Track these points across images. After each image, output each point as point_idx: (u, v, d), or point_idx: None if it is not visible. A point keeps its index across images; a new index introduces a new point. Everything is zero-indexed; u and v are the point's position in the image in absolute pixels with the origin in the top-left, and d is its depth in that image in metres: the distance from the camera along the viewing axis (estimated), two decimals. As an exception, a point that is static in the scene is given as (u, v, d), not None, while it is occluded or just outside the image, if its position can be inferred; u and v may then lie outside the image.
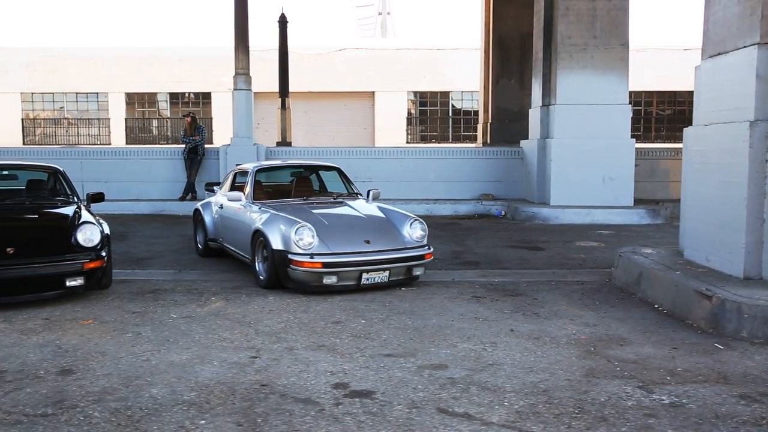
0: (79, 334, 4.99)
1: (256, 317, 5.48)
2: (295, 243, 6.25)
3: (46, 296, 5.87)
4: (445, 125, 29.59)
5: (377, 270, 6.41)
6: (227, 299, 6.15)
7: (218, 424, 3.34)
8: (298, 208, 7.11)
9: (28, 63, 28.26)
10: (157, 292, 6.46)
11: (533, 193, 12.73)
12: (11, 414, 3.46)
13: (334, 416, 3.44)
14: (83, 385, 3.87)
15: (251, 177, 7.62)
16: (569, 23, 11.75)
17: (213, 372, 4.11)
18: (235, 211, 7.55)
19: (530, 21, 17.99)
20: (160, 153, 14.27)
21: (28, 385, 3.88)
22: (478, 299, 6.18)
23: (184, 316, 5.54)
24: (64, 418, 3.41)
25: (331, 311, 5.67)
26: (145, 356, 4.43)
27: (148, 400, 3.65)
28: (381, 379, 4.01)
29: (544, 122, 12.38)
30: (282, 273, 6.38)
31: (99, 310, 5.72)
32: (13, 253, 5.72)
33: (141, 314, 5.60)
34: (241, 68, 13.45)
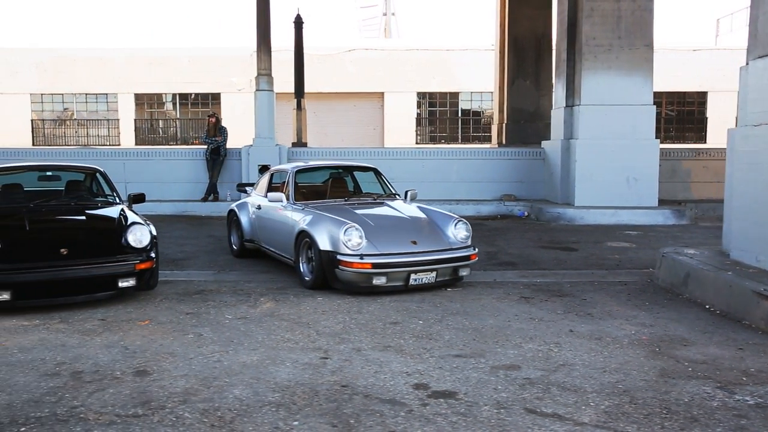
0: (141, 335, 4.99)
1: (312, 318, 5.48)
2: (343, 244, 6.25)
3: (99, 297, 5.87)
4: (455, 126, 29.60)
5: (425, 271, 6.42)
6: (276, 300, 6.15)
7: (312, 425, 3.34)
8: (341, 209, 7.12)
9: (37, 64, 28.26)
10: (204, 293, 6.46)
11: (556, 193, 12.74)
12: (103, 414, 3.46)
13: (424, 417, 3.44)
14: (164, 386, 3.87)
15: (291, 178, 7.62)
16: (594, 24, 11.76)
17: (288, 373, 4.11)
18: (276, 212, 7.55)
19: (546, 22, 18.13)
20: (181, 154, 14.25)
21: (109, 386, 3.88)
22: (527, 300, 6.19)
23: (239, 317, 5.54)
24: (156, 418, 3.41)
25: (384, 312, 5.68)
26: (215, 357, 4.44)
27: (233, 401, 3.66)
28: (458, 379, 4.01)
29: (567, 123, 12.39)
30: (329, 274, 6.38)
31: (152, 311, 5.73)
32: (67, 254, 5.72)
33: (195, 315, 5.60)
34: (263, 69, 13.43)
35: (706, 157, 13.77)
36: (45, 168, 7.87)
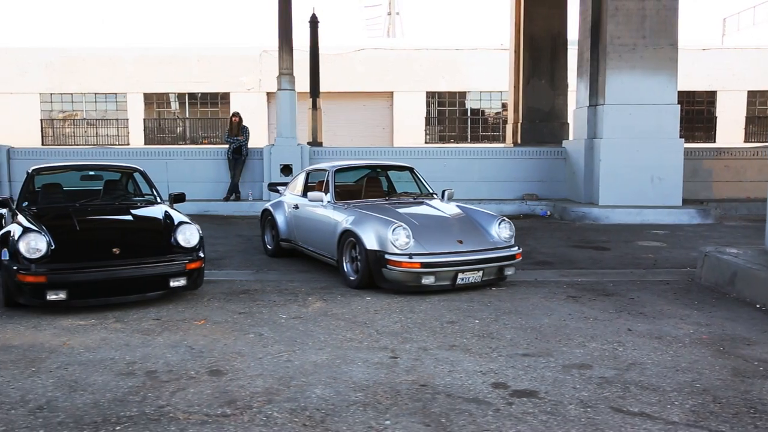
0: (202, 334, 4.99)
1: (367, 317, 5.49)
2: (391, 243, 6.25)
3: (150, 296, 5.87)
4: (464, 125, 29.61)
5: (472, 270, 6.43)
6: (324, 300, 6.15)
7: (405, 424, 3.35)
8: (384, 208, 7.12)
9: (46, 64, 28.25)
10: (250, 293, 6.46)
11: (579, 193, 12.75)
12: (192, 414, 3.46)
13: (514, 416, 3.45)
14: (243, 386, 3.87)
15: (331, 177, 7.62)
16: (618, 23, 11.77)
17: (363, 372, 4.11)
18: (315, 212, 7.54)
19: (561, 21, 18.14)
20: (203, 153, 14.25)
21: (188, 386, 3.88)
22: (575, 299, 6.19)
23: (294, 316, 5.54)
24: (246, 418, 3.42)
25: (437, 311, 5.68)
26: (284, 357, 4.44)
27: (317, 400, 3.66)
28: (534, 378, 4.02)
29: (591, 122, 12.39)
30: (376, 273, 6.38)
31: (204, 311, 5.73)
32: (119, 254, 5.72)
33: (249, 315, 5.60)
34: (285, 68, 13.42)
35: (727, 157, 13.79)
36: (87, 168, 7.87)
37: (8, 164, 13.52)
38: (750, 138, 28.33)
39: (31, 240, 5.48)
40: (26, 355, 4.49)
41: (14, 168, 13.58)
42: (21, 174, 13.04)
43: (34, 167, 7.17)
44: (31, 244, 5.47)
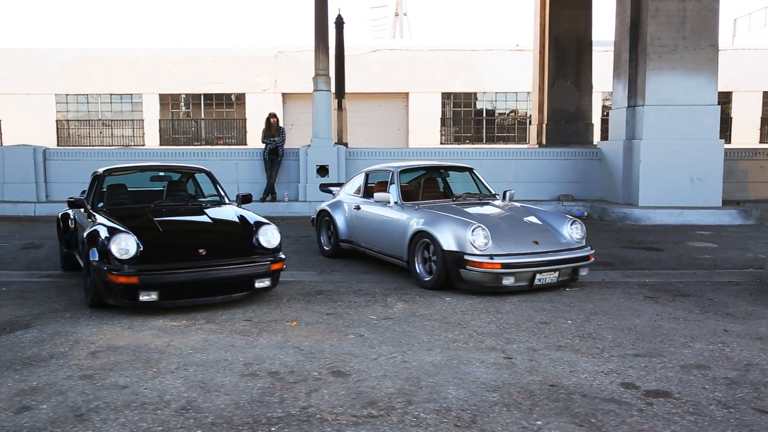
0: (302, 335, 4.99)
1: (458, 318, 5.49)
2: (470, 244, 6.26)
3: (235, 297, 5.88)
4: (479, 126, 29.63)
5: (549, 271, 6.44)
6: (404, 301, 6.16)
7: (557, 424, 3.35)
8: (453, 209, 7.14)
9: (62, 64, 28.24)
10: (326, 293, 6.47)
11: (617, 193, 12.77)
12: (338, 415, 3.46)
13: (660, 416, 3.46)
14: (374, 387, 3.88)
15: (396, 178, 7.62)
16: (659, 24, 11.79)
17: (486, 373, 4.12)
18: (381, 213, 7.54)
19: (587, 22, 18.17)
20: (239, 154, 14.25)
21: (319, 387, 3.88)
22: (653, 300, 6.20)
23: (383, 317, 5.55)
24: (394, 418, 3.42)
25: (524, 312, 5.69)
26: (397, 358, 4.44)
27: (457, 401, 3.66)
28: (659, 379, 4.03)
29: (629, 123, 12.41)
30: (454, 274, 6.39)
31: (290, 311, 5.73)
32: (205, 255, 5.72)
33: (337, 315, 5.61)
34: (321, 69, 13.41)
35: (763, 157, 13.82)
36: (156, 168, 7.88)
37: (44, 165, 13.50)
38: (765, 139, 28.41)
39: (121, 241, 5.48)
40: (138, 355, 4.48)
41: (50, 169, 13.58)
42: (57, 175, 13.10)
43: (105, 168, 7.16)
44: (121, 244, 5.47)
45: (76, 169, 13.59)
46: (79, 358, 4.44)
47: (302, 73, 28.46)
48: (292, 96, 28.94)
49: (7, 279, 7.27)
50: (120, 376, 4.06)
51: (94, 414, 3.47)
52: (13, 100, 27.84)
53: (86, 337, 4.93)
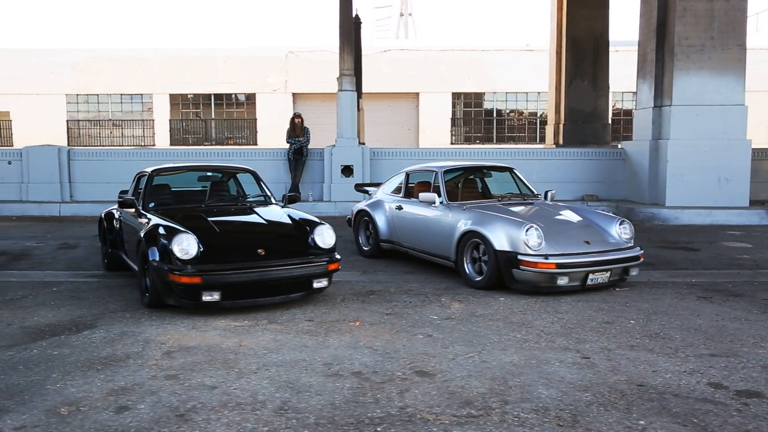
0: (371, 335, 4.99)
1: (520, 318, 5.50)
2: (524, 243, 6.26)
3: (293, 298, 5.88)
4: (489, 126, 29.65)
5: (601, 271, 6.44)
6: (459, 301, 6.16)
7: (660, 424, 3.36)
8: (500, 208, 7.15)
9: (73, 65, 28.24)
10: (377, 293, 6.48)
11: (642, 193, 12.78)
12: (438, 415, 3.46)
13: (762, 416, 3.46)
14: (464, 387, 3.88)
15: (441, 178, 7.62)
16: (687, 24, 11.81)
17: (569, 372, 4.12)
18: (426, 213, 7.54)
19: (603, 22, 18.19)
20: (263, 154, 14.24)
21: (408, 387, 3.88)
22: (707, 300, 6.21)
23: (445, 317, 5.55)
24: (496, 418, 3.42)
25: (583, 312, 5.70)
26: (474, 358, 4.44)
27: (551, 400, 3.67)
28: (745, 379, 4.03)
29: (656, 123, 12.42)
30: (506, 274, 6.39)
31: (349, 311, 5.74)
32: (264, 255, 5.72)
33: (397, 315, 5.61)
34: (346, 69, 13.41)
35: (787, 158, 13.83)
36: (204, 168, 7.89)
37: (69, 165, 13.48)
38: (775, 139, 28.40)
39: (183, 241, 5.48)
40: (213, 356, 4.48)
41: (74, 169, 13.56)
42: (81, 175, 13.08)
43: (153, 168, 7.14)
44: (183, 244, 5.47)
45: (100, 170, 13.61)
46: (155, 358, 4.44)
47: (313, 73, 28.50)
48: (302, 96, 28.95)
49: (53, 279, 7.26)
50: (204, 377, 4.05)
51: (194, 414, 3.47)
52: (24, 101, 27.84)
53: (154, 338, 4.93)
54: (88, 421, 3.39)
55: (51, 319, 5.51)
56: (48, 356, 4.48)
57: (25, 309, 5.84)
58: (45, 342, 4.82)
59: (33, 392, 3.79)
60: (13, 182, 13.34)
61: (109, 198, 13.17)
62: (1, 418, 3.42)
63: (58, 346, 4.72)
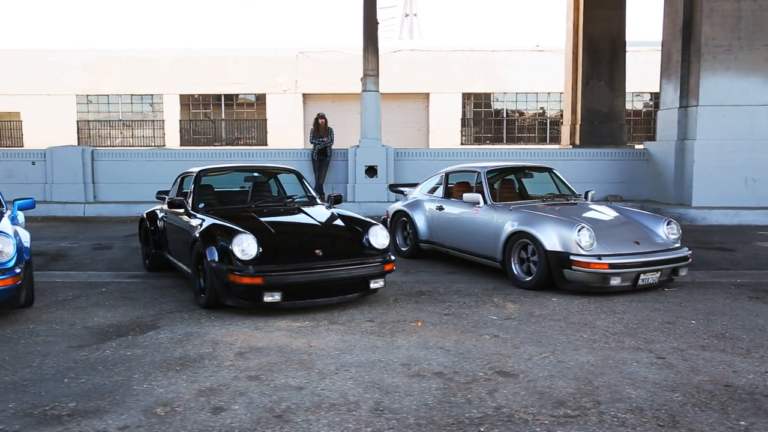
0: (437, 335, 4.99)
1: (580, 318, 5.50)
2: (576, 244, 6.27)
3: (350, 298, 5.88)
4: (499, 126, 29.66)
5: (652, 271, 6.45)
6: (511, 301, 6.16)
7: (763, 424, 3.36)
8: (547, 209, 7.15)
9: (83, 65, 28.22)
10: (427, 294, 6.49)
11: (668, 194, 12.79)
12: (535, 415, 3.47)
13: None
14: (551, 386, 3.88)
15: (484, 178, 7.62)
16: (714, 24, 11.82)
17: (650, 372, 4.13)
18: (470, 213, 7.54)
19: (620, 22, 18.19)
20: (287, 154, 14.24)
21: (495, 387, 3.88)
22: (760, 300, 6.22)
23: (504, 317, 5.56)
24: (594, 418, 3.42)
25: (640, 312, 5.70)
26: (549, 358, 4.45)
27: (641, 400, 3.67)
28: (829, 379, 4.04)
29: (681, 124, 12.44)
30: (557, 274, 6.40)
31: (406, 312, 5.74)
32: (321, 255, 5.72)
33: (455, 316, 5.62)
34: (370, 70, 13.41)
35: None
36: (251, 169, 7.90)
37: (92, 165, 13.47)
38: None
39: (243, 241, 5.47)
40: (287, 356, 4.48)
41: (98, 169, 13.55)
42: (104, 175, 13.06)
43: (200, 168, 7.13)
44: (243, 245, 5.46)
45: (123, 170, 13.60)
46: (229, 359, 4.43)
47: (323, 74, 28.51)
48: (312, 96, 28.94)
49: (98, 280, 7.26)
50: (286, 378, 4.05)
51: (291, 414, 3.47)
52: (34, 101, 27.82)
53: (221, 338, 4.92)
54: (188, 421, 3.39)
55: (111, 319, 5.50)
56: (122, 357, 4.47)
57: (82, 310, 5.83)
58: (114, 342, 4.82)
59: (122, 393, 3.79)
60: (37, 183, 13.32)
61: (133, 199, 13.22)
62: (101, 418, 3.42)
63: (128, 346, 4.72)
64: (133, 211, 13.08)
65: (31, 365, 4.29)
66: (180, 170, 13.31)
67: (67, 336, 5.00)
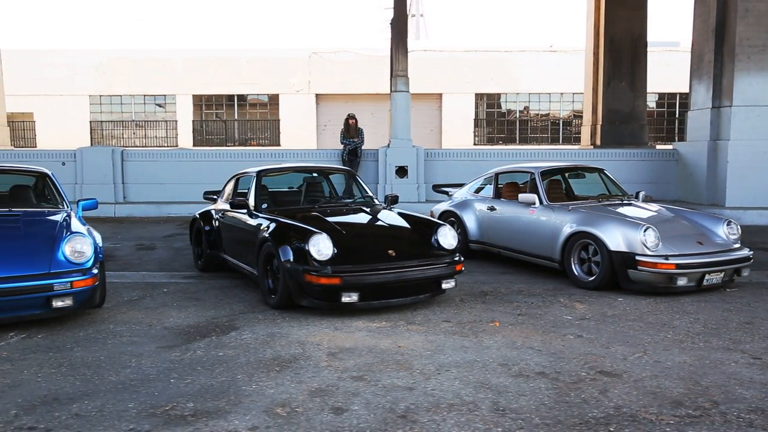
0: (521, 335, 4.99)
1: (656, 318, 5.50)
2: (642, 244, 6.27)
3: (421, 298, 5.87)
4: (512, 127, 29.68)
5: (717, 271, 6.45)
6: (578, 301, 6.16)
7: None
8: (606, 209, 7.16)
9: (96, 66, 28.21)
10: (491, 294, 6.49)
11: (699, 194, 12.80)
12: (659, 415, 3.46)
13: None
14: (658, 386, 3.88)
15: (538, 179, 7.63)
16: (748, 25, 11.83)
17: (753, 373, 4.13)
18: (524, 214, 7.54)
19: (642, 23, 18.21)
20: (316, 155, 14.24)
21: (607, 387, 3.88)
22: (826, 299, 6.22)
23: (579, 317, 5.56)
24: (718, 418, 3.42)
25: (712, 312, 5.71)
26: (643, 358, 4.44)
27: (757, 401, 3.67)
28: None
29: (714, 124, 12.45)
30: (622, 274, 6.40)
31: (478, 312, 5.74)
32: (395, 256, 5.71)
33: (528, 316, 5.62)
34: (400, 70, 13.40)
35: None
36: (309, 169, 7.92)
37: (122, 166, 13.46)
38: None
39: (319, 241, 5.46)
40: (380, 357, 4.47)
41: (127, 169, 13.53)
42: (134, 176, 13.05)
43: (260, 168, 7.12)
44: (319, 245, 5.45)
45: (153, 171, 13.58)
46: (324, 359, 4.43)
47: (336, 74, 28.53)
48: (325, 97, 28.97)
49: (153, 280, 7.26)
50: (391, 378, 4.04)
51: (413, 414, 3.47)
52: (47, 102, 27.80)
53: (305, 339, 4.92)
54: (314, 421, 3.38)
55: (186, 320, 5.49)
56: (216, 357, 4.46)
57: (153, 310, 5.83)
58: (201, 343, 4.81)
59: (233, 393, 3.78)
60: (68, 183, 13.23)
61: (163, 199, 13.21)
62: (226, 418, 3.41)
63: (216, 347, 4.71)
64: (163, 211, 13.09)
65: (129, 365, 4.28)
66: (211, 171, 13.43)
67: (151, 336, 4.99)
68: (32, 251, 5.21)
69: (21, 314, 5.04)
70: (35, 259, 5.12)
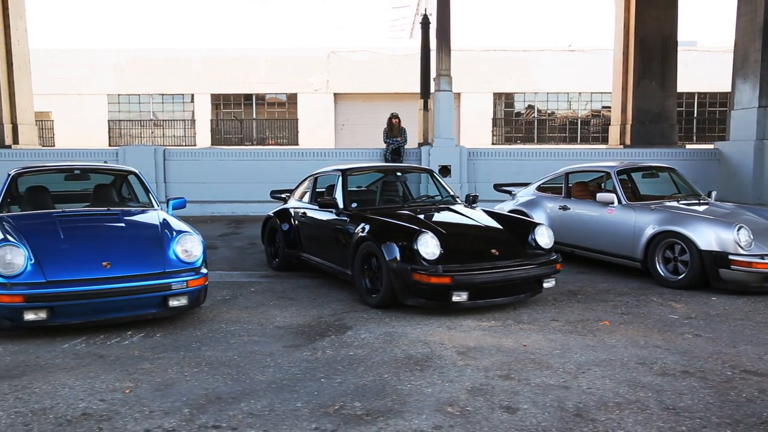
0: (639, 335, 4.99)
1: (763, 318, 5.51)
2: (736, 243, 6.27)
3: (522, 298, 5.87)
4: (530, 126, 29.68)
5: (807, 270, 6.44)
6: (674, 300, 6.16)
7: None
8: (687, 208, 7.16)
9: (114, 65, 28.14)
10: (579, 294, 6.48)
11: (745, 194, 12.81)
12: None
13: None
14: (813, 386, 3.89)
15: (615, 178, 7.63)
16: (797, 24, 11.84)
17: None
18: (603, 213, 7.53)
19: (673, 23, 18.22)
20: (359, 154, 14.20)
21: (765, 386, 3.88)
22: None
23: (684, 317, 5.55)
24: None
25: (816, 311, 5.71)
26: (775, 357, 4.45)
27: None
28: None
29: (761, 123, 12.46)
30: (712, 274, 6.40)
31: (579, 311, 5.74)
32: (498, 255, 5.71)
33: (632, 315, 5.62)
34: (443, 70, 13.39)
35: None
36: (391, 170, 7.95)
37: (164, 165, 13.43)
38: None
39: (428, 241, 5.46)
40: (513, 356, 4.46)
41: (169, 169, 13.51)
42: (175, 175, 13.02)
43: (345, 168, 7.11)
44: (428, 245, 5.45)
45: (194, 170, 13.56)
46: (457, 358, 4.42)
47: (355, 74, 28.50)
48: (344, 96, 28.94)
49: (232, 279, 7.24)
50: (537, 377, 4.04)
51: (588, 413, 3.46)
52: (65, 101, 27.72)
53: (424, 338, 4.90)
54: (493, 420, 3.38)
55: (293, 319, 5.48)
56: (349, 356, 4.45)
57: (253, 309, 5.81)
58: (323, 342, 4.80)
59: (392, 392, 3.77)
60: (111, 182, 13.26)
61: (204, 198, 13.20)
62: (404, 417, 3.40)
63: (342, 346, 4.70)
64: (206, 210, 13.07)
65: (268, 365, 4.27)
66: (251, 170, 13.41)
67: (269, 336, 4.98)
68: (146, 250, 5.19)
69: (138, 313, 5.03)
70: (150, 259, 5.11)
